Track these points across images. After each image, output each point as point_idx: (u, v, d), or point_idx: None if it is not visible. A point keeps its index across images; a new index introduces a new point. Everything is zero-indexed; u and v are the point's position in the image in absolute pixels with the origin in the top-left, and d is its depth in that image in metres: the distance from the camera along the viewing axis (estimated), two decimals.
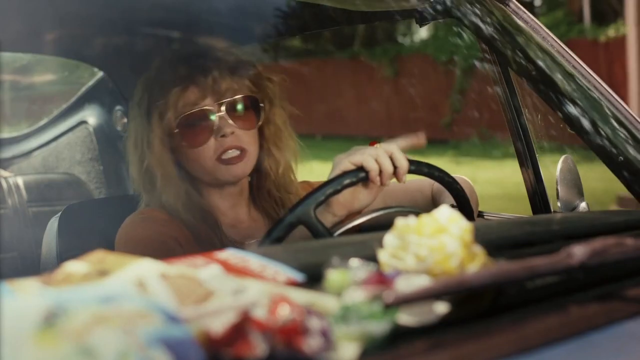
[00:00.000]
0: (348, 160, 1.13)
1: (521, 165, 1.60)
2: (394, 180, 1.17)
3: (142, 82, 1.40)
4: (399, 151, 1.14)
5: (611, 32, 10.79)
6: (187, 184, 1.35)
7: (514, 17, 1.49)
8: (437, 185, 1.38)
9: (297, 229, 1.09)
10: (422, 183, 1.45)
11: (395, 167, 1.14)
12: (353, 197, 1.18)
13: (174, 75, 1.33)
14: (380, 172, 1.13)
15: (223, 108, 1.31)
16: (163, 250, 1.28)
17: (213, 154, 1.31)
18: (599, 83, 1.42)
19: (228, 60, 1.37)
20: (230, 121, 1.31)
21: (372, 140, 1.18)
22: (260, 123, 1.37)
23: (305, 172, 1.53)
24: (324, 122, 12.23)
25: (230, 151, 1.31)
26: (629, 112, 1.40)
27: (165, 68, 1.37)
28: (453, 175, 1.25)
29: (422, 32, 13.02)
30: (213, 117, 1.31)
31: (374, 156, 1.12)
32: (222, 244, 1.32)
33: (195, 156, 1.32)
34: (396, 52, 13.27)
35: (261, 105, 1.37)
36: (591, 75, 1.43)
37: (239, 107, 1.33)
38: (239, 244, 1.35)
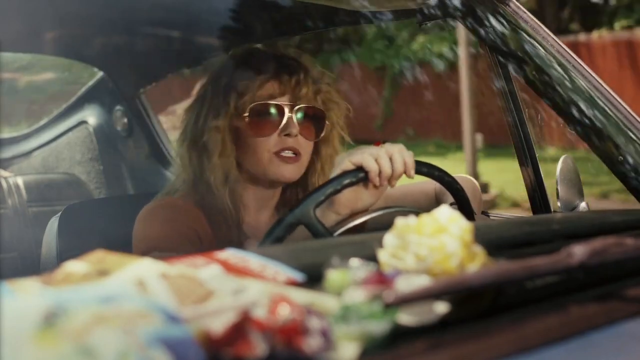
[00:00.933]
0: (348, 160, 1.14)
1: (521, 165, 1.60)
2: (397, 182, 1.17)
3: (225, 61, 1.44)
4: (400, 153, 1.15)
5: None
6: (232, 171, 1.37)
7: (514, 17, 1.49)
8: (439, 187, 1.39)
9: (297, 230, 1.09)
10: (425, 185, 1.45)
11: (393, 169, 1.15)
12: (356, 197, 1.19)
13: (263, 64, 1.36)
14: (380, 173, 1.13)
15: (295, 110, 1.35)
16: (182, 240, 1.30)
17: (272, 148, 1.34)
18: (599, 83, 1.42)
19: (313, 70, 1.41)
20: (297, 125, 1.35)
21: (377, 141, 1.18)
22: (319, 138, 1.40)
23: None
24: None
25: (288, 151, 1.34)
26: (629, 112, 1.40)
27: (252, 56, 1.42)
28: (456, 174, 1.26)
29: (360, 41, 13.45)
30: (284, 115, 1.34)
31: (374, 156, 1.13)
32: (239, 243, 1.34)
33: (255, 146, 1.35)
34: (337, 61, 13.66)
35: (326, 123, 1.41)
36: (591, 75, 1.43)
37: (308, 115, 1.37)
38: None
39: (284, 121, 1.34)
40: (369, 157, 1.13)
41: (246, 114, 1.34)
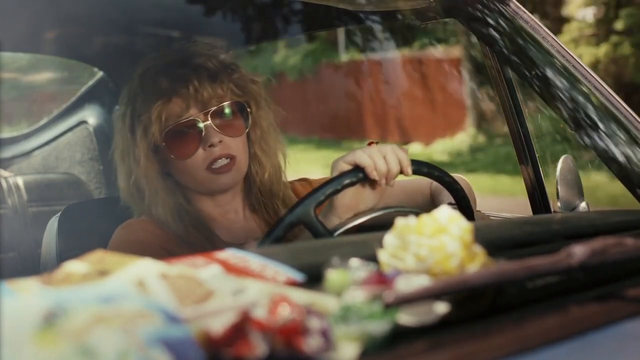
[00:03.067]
0: (342, 161, 1.14)
1: (521, 165, 1.60)
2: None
3: (124, 95, 1.37)
4: (393, 151, 1.15)
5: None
6: (177, 196, 1.33)
7: (514, 17, 1.49)
8: (435, 184, 1.39)
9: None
10: (420, 183, 1.45)
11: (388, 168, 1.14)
12: (357, 199, 1.18)
13: (155, 88, 1.30)
14: (376, 168, 1.13)
15: (209, 117, 1.29)
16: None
17: (202, 164, 1.29)
18: (600, 83, 1.42)
19: (208, 67, 1.33)
20: (218, 130, 1.29)
21: (370, 142, 1.19)
22: (248, 128, 1.35)
23: None
24: None
25: (219, 160, 1.29)
26: (629, 113, 1.40)
27: (145, 80, 1.34)
28: (451, 174, 1.26)
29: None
30: (200, 127, 1.28)
31: (367, 154, 1.13)
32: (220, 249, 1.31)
33: (184, 167, 1.31)
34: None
35: (248, 110, 1.35)
36: (591, 76, 1.43)
37: (226, 114, 1.31)
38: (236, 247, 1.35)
39: (203, 133, 1.28)
40: (363, 154, 1.12)
41: (162, 143, 1.29)
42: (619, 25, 9.54)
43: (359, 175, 1.13)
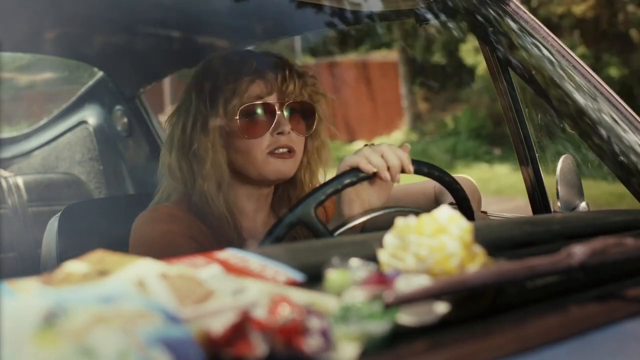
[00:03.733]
0: (344, 163, 1.17)
1: (521, 165, 1.60)
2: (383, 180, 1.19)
3: (205, 66, 1.41)
4: (389, 149, 1.18)
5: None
6: (225, 176, 1.35)
7: (514, 17, 1.49)
8: (439, 187, 1.39)
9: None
10: (424, 185, 1.45)
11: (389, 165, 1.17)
12: (363, 200, 1.22)
13: (245, 66, 1.35)
14: (379, 170, 1.16)
15: (285, 108, 1.34)
16: (179, 250, 1.27)
17: (266, 148, 1.33)
18: (600, 83, 1.42)
19: (296, 65, 1.40)
20: (288, 121, 1.34)
21: (365, 144, 1.21)
22: (310, 132, 1.40)
23: None
24: None
25: (282, 149, 1.34)
26: (629, 112, 1.40)
27: (233, 58, 1.41)
28: (455, 174, 1.26)
29: None
30: (274, 113, 1.33)
31: (366, 157, 1.16)
32: (239, 246, 1.32)
33: (248, 147, 1.34)
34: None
35: (316, 116, 1.40)
36: (591, 76, 1.43)
37: (299, 111, 1.37)
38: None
39: (275, 120, 1.33)
40: (362, 159, 1.16)
41: (236, 117, 1.32)
42: None
43: (359, 174, 1.14)
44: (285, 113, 1.34)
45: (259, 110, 1.33)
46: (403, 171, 1.19)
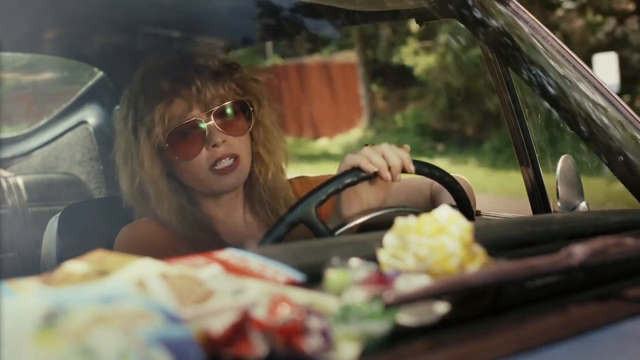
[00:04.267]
0: (345, 163, 1.16)
1: (521, 165, 1.60)
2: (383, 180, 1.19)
3: (126, 97, 1.37)
4: (390, 148, 1.17)
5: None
6: (181, 197, 1.33)
7: (514, 17, 1.49)
8: (436, 184, 1.39)
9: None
10: (421, 182, 1.45)
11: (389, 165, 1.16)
12: (363, 199, 1.21)
13: (157, 89, 1.30)
14: (379, 170, 1.15)
15: (212, 117, 1.29)
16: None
17: (206, 165, 1.29)
18: (599, 83, 1.42)
19: (210, 66, 1.33)
20: (221, 129, 1.29)
21: (365, 144, 1.20)
22: (251, 127, 1.35)
23: None
24: None
25: (223, 160, 1.29)
26: (629, 112, 1.40)
27: (147, 82, 1.34)
28: (452, 174, 1.26)
29: None
30: (203, 127, 1.28)
31: (367, 157, 1.15)
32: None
33: (188, 168, 1.31)
34: None
35: (251, 109, 1.35)
36: (591, 75, 1.43)
37: (228, 113, 1.31)
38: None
39: (206, 133, 1.28)
40: (362, 158, 1.14)
41: (166, 145, 1.29)
42: None
43: (360, 174, 1.14)
44: (214, 122, 1.29)
45: (186, 130, 1.29)
46: (404, 171, 1.18)
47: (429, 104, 12.09)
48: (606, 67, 8.53)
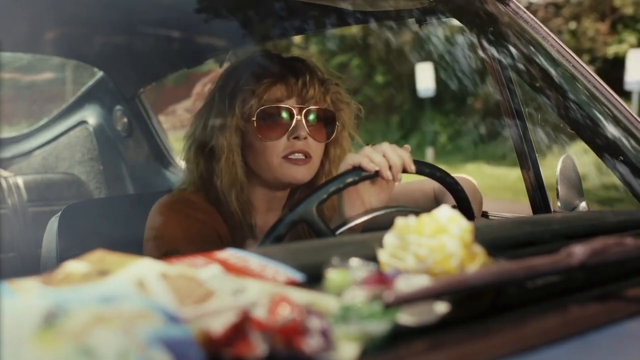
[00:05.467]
0: (345, 163, 1.17)
1: (521, 165, 1.60)
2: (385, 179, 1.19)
3: (229, 69, 1.43)
4: (391, 148, 1.18)
5: None
6: (241, 174, 1.36)
7: (514, 17, 1.49)
8: (439, 187, 1.39)
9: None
10: (424, 184, 1.46)
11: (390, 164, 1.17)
12: (364, 199, 1.22)
13: (268, 68, 1.36)
14: (380, 169, 1.16)
15: (303, 112, 1.34)
16: (203, 240, 1.30)
17: (281, 152, 1.33)
18: (599, 83, 1.42)
19: (319, 71, 1.40)
20: (306, 127, 1.34)
21: (367, 144, 1.21)
22: (330, 140, 1.39)
23: None
24: None
25: (297, 154, 1.33)
26: (629, 112, 1.40)
27: (258, 60, 1.41)
28: (457, 174, 1.26)
29: None
30: (292, 118, 1.33)
31: (368, 156, 1.16)
32: (251, 245, 1.35)
33: (264, 150, 1.34)
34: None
35: (337, 124, 1.40)
36: (591, 75, 1.43)
37: (318, 117, 1.36)
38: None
39: (293, 124, 1.33)
40: (364, 158, 1.16)
41: (253, 118, 1.33)
42: None
43: (361, 173, 1.14)
44: (304, 118, 1.34)
45: (277, 113, 1.34)
46: (405, 171, 1.19)
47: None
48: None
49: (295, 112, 1.33)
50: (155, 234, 1.31)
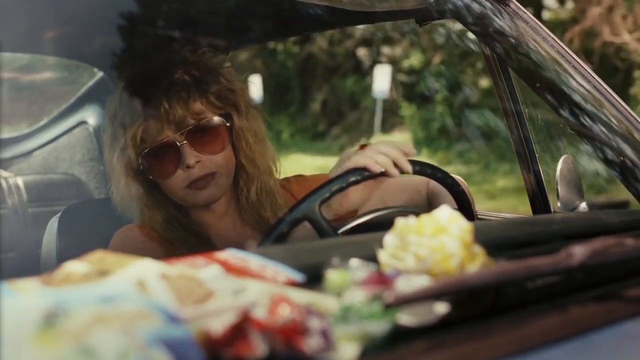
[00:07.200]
0: (351, 161, 1.13)
1: (521, 165, 1.60)
2: (389, 177, 1.18)
3: (107, 112, 1.36)
4: (393, 148, 1.14)
5: None
6: (167, 208, 1.32)
7: (514, 17, 1.49)
8: (432, 184, 1.39)
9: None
10: (417, 181, 1.45)
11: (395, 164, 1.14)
12: (352, 198, 1.20)
13: (129, 109, 1.28)
14: (386, 170, 1.12)
15: (184, 137, 1.26)
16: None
17: (182, 184, 1.27)
18: (599, 83, 1.42)
19: (184, 81, 1.27)
20: (194, 150, 1.26)
21: (362, 144, 1.17)
22: (229, 142, 1.31)
23: None
24: None
25: (198, 181, 1.27)
26: (629, 112, 1.40)
27: (122, 100, 1.31)
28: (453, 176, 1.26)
29: None
30: (176, 148, 1.25)
31: (366, 156, 1.12)
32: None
33: (166, 187, 1.30)
34: None
35: (228, 123, 1.31)
36: (591, 76, 1.43)
37: (203, 131, 1.27)
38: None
39: (180, 154, 1.25)
40: (368, 159, 1.11)
41: (140, 166, 1.27)
42: None
43: (364, 173, 1.13)
44: (188, 142, 1.25)
45: (159, 151, 1.26)
46: (402, 171, 1.17)
47: None
48: None
49: (176, 140, 1.25)
50: None
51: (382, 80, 10.83)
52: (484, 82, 9.65)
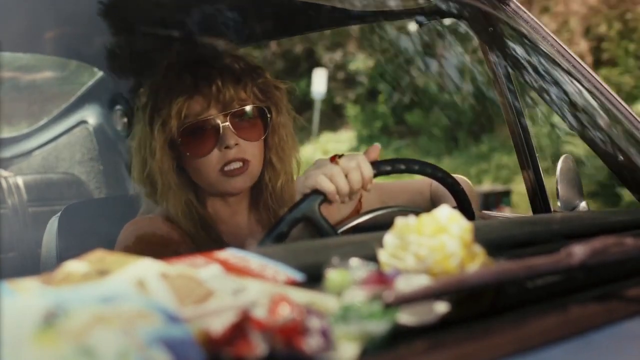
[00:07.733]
0: (304, 185, 1.11)
1: (521, 165, 1.60)
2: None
3: (147, 87, 1.37)
4: (357, 169, 1.11)
5: None
6: (188, 193, 1.33)
7: (514, 17, 1.49)
8: (435, 186, 1.39)
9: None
10: (420, 183, 1.45)
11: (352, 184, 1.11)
12: (332, 210, 1.19)
13: (179, 83, 1.30)
14: (338, 192, 1.10)
15: (228, 118, 1.28)
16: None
17: (216, 165, 1.29)
18: (600, 83, 1.42)
19: (234, 67, 1.32)
20: (235, 132, 1.28)
21: (332, 156, 1.14)
22: (266, 134, 1.34)
23: None
24: None
25: (233, 163, 1.29)
26: (630, 112, 1.40)
27: (169, 75, 1.33)
28: (453, 175, 1.26)
29: None
30: (218, 128, 1.28)
31: (328, 176, 1.10)
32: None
33: (198, 166, 1.30)
34: None
35: (269, 115, 1.34)
36: (592, 76, 1.43)
37: (245, 117, 1.30)
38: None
39: (220, 134, 1.27)
40: (324, 177, 1.09)
41: (179, 139, 1.28)
42: None
43: (320, 199, 1.09)
44: (230, 124, 1.28)
45: (200, 128, 1.28)
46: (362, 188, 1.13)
47: None
48: None
49: (219, 120, 1.28)
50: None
51: (319, 82, 11.21)
52: (420, 82, 10.05)
